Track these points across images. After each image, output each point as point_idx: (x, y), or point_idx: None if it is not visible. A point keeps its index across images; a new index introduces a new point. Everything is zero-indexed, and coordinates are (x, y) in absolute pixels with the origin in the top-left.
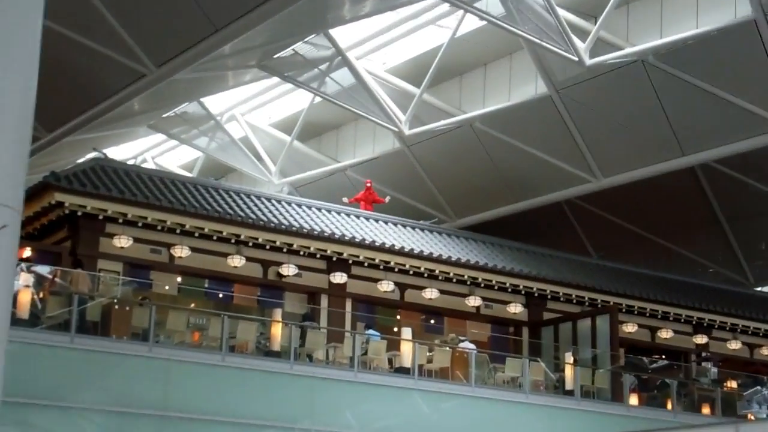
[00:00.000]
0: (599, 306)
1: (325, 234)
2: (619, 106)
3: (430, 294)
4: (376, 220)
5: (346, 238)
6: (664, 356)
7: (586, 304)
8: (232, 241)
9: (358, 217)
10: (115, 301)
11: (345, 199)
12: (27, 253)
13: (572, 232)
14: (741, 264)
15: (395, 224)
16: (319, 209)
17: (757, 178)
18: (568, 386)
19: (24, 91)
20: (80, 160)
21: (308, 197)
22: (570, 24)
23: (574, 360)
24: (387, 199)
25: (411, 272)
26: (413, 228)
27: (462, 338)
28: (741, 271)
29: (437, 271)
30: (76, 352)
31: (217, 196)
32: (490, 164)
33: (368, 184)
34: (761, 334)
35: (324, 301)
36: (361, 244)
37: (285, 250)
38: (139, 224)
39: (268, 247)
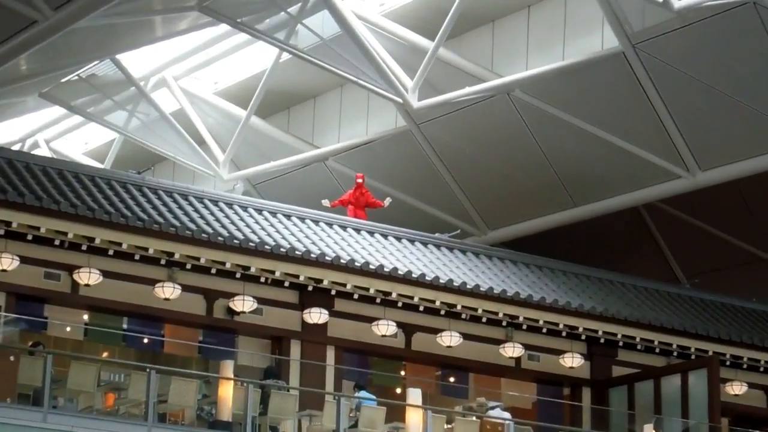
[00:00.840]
0: (693, 357)
1: (297, 252)
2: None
3: (450, 340)
4: (371, 233)
5: (327, 258)
6: None
7: (674, 354)
8: (163, 262)
9: (344, 228)
10: None
11: (326, 202)
12: None
13: (654, 250)
14: None
15: (398, 238)
16: (288, 216)
17: None
18: None
19: None
20: None
21: (272, 198)
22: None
23: None
24: (387, 201)
25: (421, 308)
26: (425, 244)
27: (494, 404)
28: None
29: (459, 307)
30: None
31: (140, 197)
32: (537, 152)
33: (359, 180)
34: None
35: (295, 349)
36: (349, 268)
37: (239, 275)
38: (29, 237)
39: (214, 270)
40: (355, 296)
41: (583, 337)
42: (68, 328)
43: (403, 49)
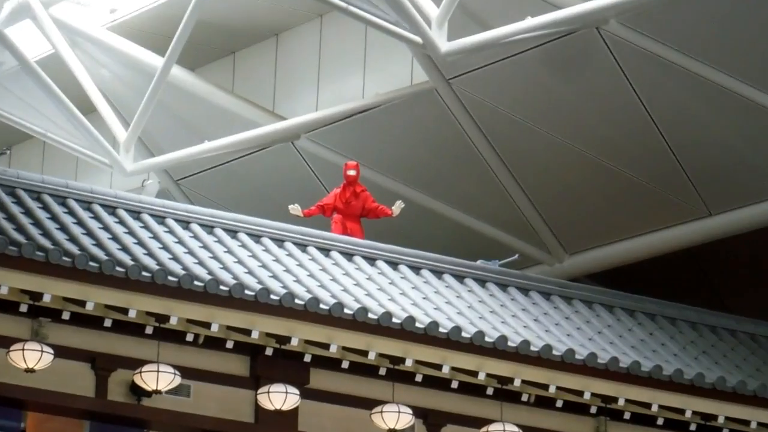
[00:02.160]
0: None
1: (248, 293)
2: None
3: None
4: (370, 260)
5: (297, 301)
6: None
7: None
8: (23, 309)
9: (326, 252)
10: None
11: (295, 209)
12: None
13: None
14: None
15: (416, 269)
16: (233, 233)
17: None
18: None
19: None
20: None
21: (206, 203)
22: None
23: None
24: (397, 207)
25: (455, 384)
26: (459, 278)
27: None
28: None
29: (518, 383)
30: None
31: None
32: (651, 131)
33: (351, 173)
34: None
35: None
36: (334, 318)
37: (150, 330)
38: None
39: (108, 323)
40: (345, 364)
41: None
42: None
43: None
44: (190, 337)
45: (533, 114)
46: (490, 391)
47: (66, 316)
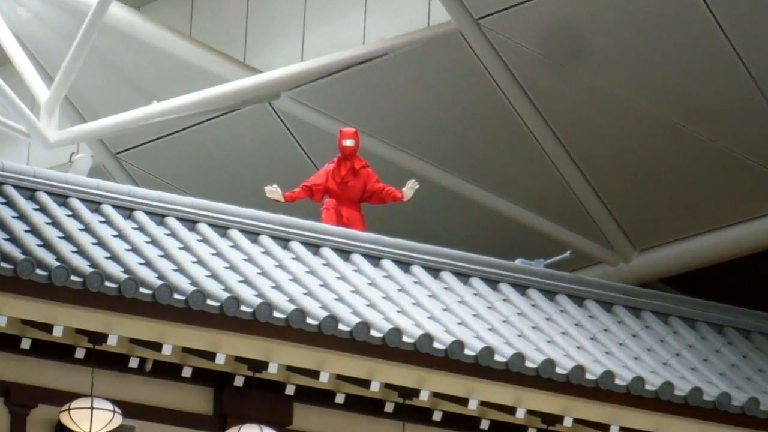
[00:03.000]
0: None
1: (212, 303)
2: None
3: None
4: (375, 259)
5: (277, 315)
6: None
7: None
8: None
9: (315, 248)
10: None
11: (273, 191)
12: None
13: None
14: None
15: (434, 271)
16: (192, 224)
17: None
18: None
19: None
20: None
21: (155, 183)
22: None
23: None
24: (409, 188)
25: (485, 425)
26: (492, 283)
27: None
28: None
29: (568, 422)
30: None
31: None
32: (750, 91)
33: (348, 143)
34: None
35: None
36: (325, 336)
37: (81, 354)
38: None
39: (26, 344)
40: (340, 398)
41: None
42: None
43: None
44: (134, 363)
45: (613, 79)
46: None
47: None
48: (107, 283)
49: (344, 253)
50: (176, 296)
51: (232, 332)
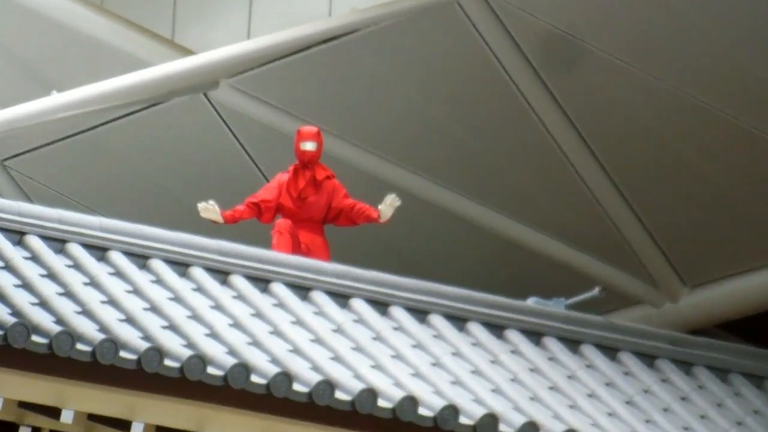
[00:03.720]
0: None
1: (126, 359)
2: None
3: None
4: (343, 298)
5: (214, 376)
6: None
7: None
8: None
9: (265, 283)
10: None
11: (209, 209)
12: None
13: None
14: None
15: (421, 312)
16: (102, 251)
17: None
18: None
19: None
20: None
21: (57, 196)
22: None
23: None
24: (388, 207)
25: None
26: (495, 330)
27: None
28: None
29: None
30: None
31: None
32: None
33: (308, 146)
34: None
35: None
36: (274, 400)
37: None
38: None
39: None
40: None
41: None
42: None
43: None
44: None
45: (634, 44)
46: None
47: None
48: None
49: (302, 290)
50: (79, 346)
51: (153, 394)
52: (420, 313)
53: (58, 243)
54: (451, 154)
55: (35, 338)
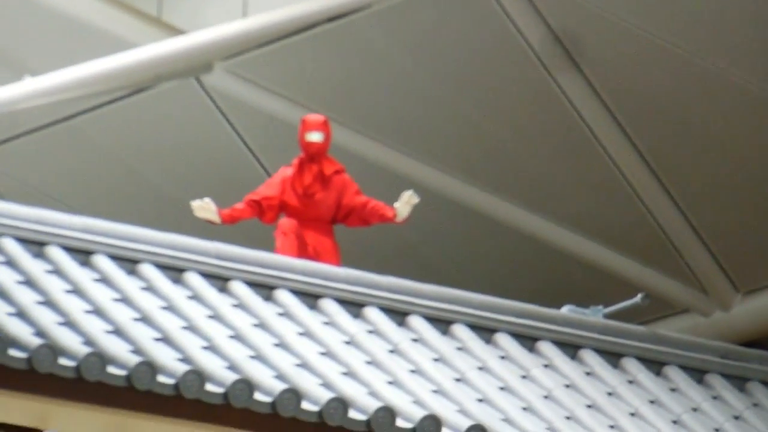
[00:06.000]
0: None
1: (114, 376)
2: None
3: None
4: (356, 306)
5: (213, 393)
6: None
7: None
8: None
9: (268, 290)
10: None
11: (204, 208)
12: None
13: None
14: None
15: (444, 322)
16: (87, 254)
17: None
18: None
19: None
20: None
21: (37, 193)
22: None
23: None
24: (405, 205)
25: None
26: (529, 341)
27: None
28: None
29: None
30: None
31: None
32: None
33: (314, 137)
34: None
35: None
36: (293, 421)
37: None
38: None
39: None
40: None
41: None
42: None
43: None
44: None
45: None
46: None
47: None
48: None
49: (310, 298)
50: (62, 361)
51: (145, 414)
52: (442, 323)
53: (36, 246)
54: (473, 144)
55: (12, 352)
